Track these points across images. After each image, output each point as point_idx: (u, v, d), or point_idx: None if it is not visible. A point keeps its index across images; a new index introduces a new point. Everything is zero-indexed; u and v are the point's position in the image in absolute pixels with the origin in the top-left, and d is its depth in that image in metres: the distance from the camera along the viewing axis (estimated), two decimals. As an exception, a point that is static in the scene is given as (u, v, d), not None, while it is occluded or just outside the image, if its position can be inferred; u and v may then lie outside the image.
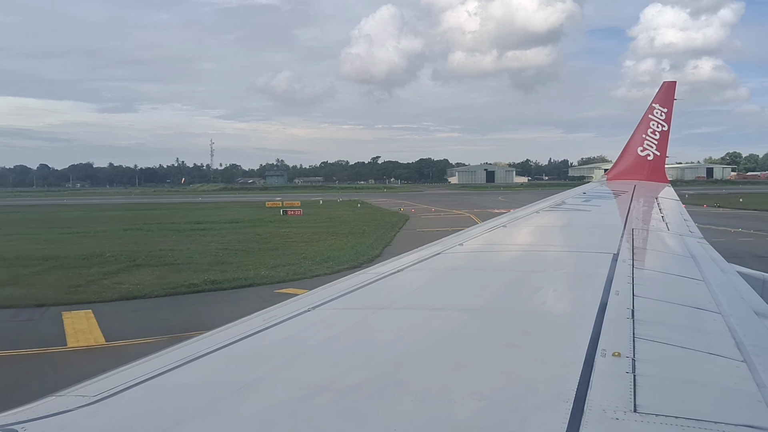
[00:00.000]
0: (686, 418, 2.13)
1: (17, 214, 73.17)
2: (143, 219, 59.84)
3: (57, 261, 31.16)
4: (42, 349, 16.16)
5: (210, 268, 27.84)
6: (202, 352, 2.96)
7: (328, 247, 35.70)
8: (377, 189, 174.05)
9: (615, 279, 4.46)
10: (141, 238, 43.06)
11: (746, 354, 2.98)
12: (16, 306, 21.22)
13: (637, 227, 8.16)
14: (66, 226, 53.81)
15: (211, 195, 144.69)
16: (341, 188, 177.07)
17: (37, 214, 72.07)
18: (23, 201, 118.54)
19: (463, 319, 3.60)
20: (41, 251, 35.31)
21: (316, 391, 2.41)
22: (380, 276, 4.84)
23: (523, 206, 12.00)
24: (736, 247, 31.78)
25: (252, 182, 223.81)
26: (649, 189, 15.94)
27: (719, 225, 43.64)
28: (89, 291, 23.32)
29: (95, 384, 2.58)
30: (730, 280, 5.34)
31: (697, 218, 12.33)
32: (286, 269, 27.57)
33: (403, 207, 76.38)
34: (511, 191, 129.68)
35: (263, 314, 3.73)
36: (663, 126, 18.55)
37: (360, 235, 41.62)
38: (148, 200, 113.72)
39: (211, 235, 44.23)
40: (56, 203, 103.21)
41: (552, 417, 2.11)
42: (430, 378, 2.55)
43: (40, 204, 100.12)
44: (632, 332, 3.12)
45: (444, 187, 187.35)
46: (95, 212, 75.29)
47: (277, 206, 79.59)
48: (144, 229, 49.51)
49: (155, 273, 27.25)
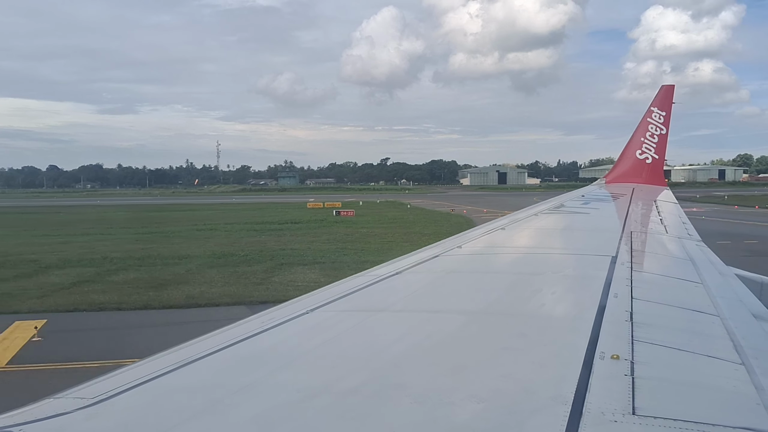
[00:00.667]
0: (685, 420, 2.13)
1: (59, 215, 73.00)
2: (197, 220, 60.41)
3: (192, 261, 31.40)
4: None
5: (363, 266, 27.59)
6: (200, 354, 2.95)
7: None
8: (395, 190, 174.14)
9: (614, 282, 4.46)
10: (230, 237, 43.45)
11: (744, 357, 2.98)
12: (244, 303, 21.10)
13: (635, 230, 8.17)
14: (128, 226, 54.55)
15: (231, 196, 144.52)
16: (358, 189, 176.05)
17: (81, 215, 72.30)
18: (49, 201, 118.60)
19: (461, 322, 3.60)
20: (157, 250, 35.68)
21: (315, 394, 2.41)
22: (379, 278, 4.82)
23: (521, 209, 12.02)
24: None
25: (264, 183, 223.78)
26: (648, 192, 15.94)
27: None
28: (278, 288, 23.38)
29: (94, 386, 2.58)
30: (728, 283, 5.34)
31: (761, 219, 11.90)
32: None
33: (451, 208, 76.33)
34: (535, 192, 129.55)
35: (262, 316, 3.72)
36: (661, 129, 18.45)
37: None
38: (175, 201, 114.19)
39: (297, 234, 44.18)
40: (88, 203, 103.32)
41: (551, 419, 2.11)
42: (429, 380, 2.55)
43: (75, 204, 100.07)
44: (631, 335, 3.13)
45: (459, 188, 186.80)
46: (140, 213, 75.52)
47: (319, 207, 79.32)
48: (218, 229, 49.81)
49: (315, 271, 27.25)
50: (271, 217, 62.25)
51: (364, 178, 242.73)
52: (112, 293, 23.38)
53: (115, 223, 57.78)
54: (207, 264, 30.28)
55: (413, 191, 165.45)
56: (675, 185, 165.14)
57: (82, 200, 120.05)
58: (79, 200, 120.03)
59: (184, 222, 57.68)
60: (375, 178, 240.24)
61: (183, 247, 36.89)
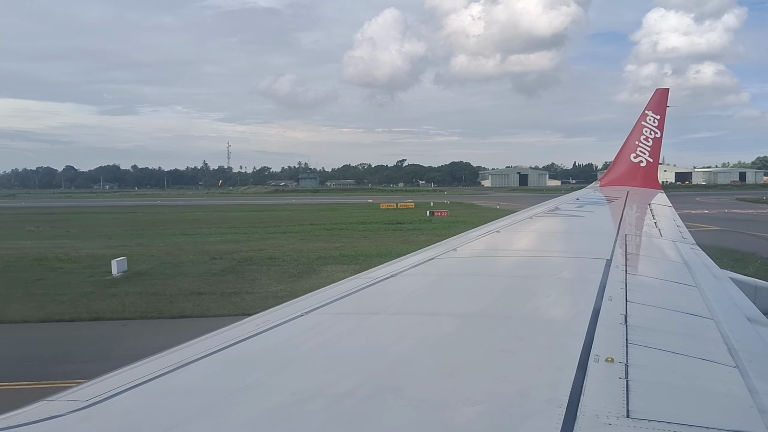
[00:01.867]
0: (679, 423, 2.14)
1: (138, 215, 74.03)
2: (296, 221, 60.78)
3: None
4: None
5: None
6: (194, 357, 2.95)
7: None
8: (423, 191, 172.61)
9: (608, 285, 4.48)
10: (376, 235, 44.84)
11: (738, 360, 2.99)
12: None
13: (630, 233, 8.18)
14: (255, 226, 55.63)
15: (265, 197, 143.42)
16: (380, 191, 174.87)
17: (160, 215, 73.47)
18: (90, 202, 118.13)
19: (457, 325, 3.60)
20: (353, 250, 36.72)
21: (309, 397, 2.41)
22: (374, 281, 4.83)
23: (517, 212, 12.25)
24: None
25: (284, 185, 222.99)
26: (642, 195, 16.02)
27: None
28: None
29: (87, 389, 2.57)
30: (722, 286, 5.36)
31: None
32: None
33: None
34: (560, 193, 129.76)
35: (256, 319, 3.72)
36: (656, 133, 18.57)
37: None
38: (225, 202, 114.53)
39: (438, 232, 44.99)
40: (149, 204, 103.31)
41: (545, 422, 2.13)
42: (424, 383, 2.55)
43: (135, 205, 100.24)
44: (625, 338, 3.14)
45: (483, 190, 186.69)
46: (215, 213, 76.74)
47: (393, 208, 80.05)
48: (347, 228, 51.05)
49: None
50: (368, 217, 63.05)
51: (384, 179, 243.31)
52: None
53: (235, 222, 59.21)
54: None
55: (449, 192, 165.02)
56: (698, 187, 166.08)
57: (124, 201, 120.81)
58: (120, 201, 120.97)
59: (291, 222, 58.47)
60: (394, 180, 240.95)
61: (370, 245, 37.81)
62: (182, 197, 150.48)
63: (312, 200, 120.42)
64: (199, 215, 73.93)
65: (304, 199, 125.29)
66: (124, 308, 22.68)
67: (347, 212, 74.84)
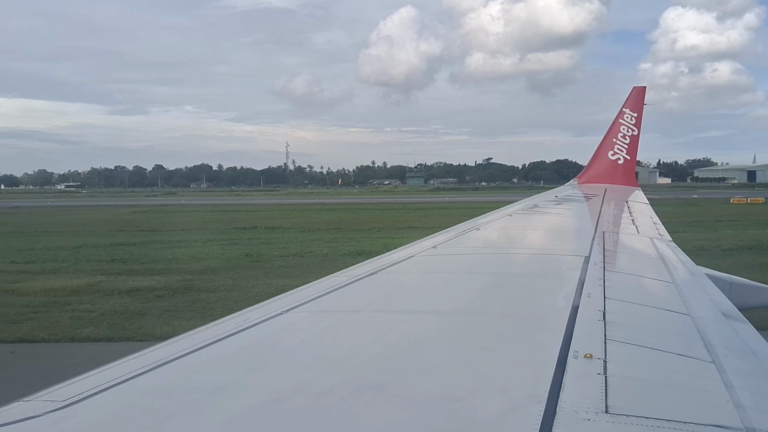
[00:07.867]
0: (656, 418, 2.15)
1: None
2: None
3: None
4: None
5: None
6: (173, 355, 2.92)
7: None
8: (537, 189, 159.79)
9: (587, 281, 4.50)
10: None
11: (714, 355, 3.02)
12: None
13: (608, 230, 8.26)
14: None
15: (425, 195, 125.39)
16: (490, 189, 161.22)
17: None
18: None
19: (436, 322, 3.62)
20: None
21: (289, 395, 2.39)
22: (354, 279, 4.83)
23: (497, 209, 12.04)
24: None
25: (388, 183, 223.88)
26: (620, 193, 16.21)
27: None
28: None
29: (64, 389, 2.53)
30: (698, 282, 5.43)
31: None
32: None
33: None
34: (679, 190, 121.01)
35: (236, 317, 3.69)
36: (633, 130, 18.84)
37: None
38: (396, 200, 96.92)
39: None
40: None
41: (525, 419, 2.12)
42: (404, 381, 2.55)
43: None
44: (604, 334, 3.15)
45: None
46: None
47: (743, 203, 72.62)
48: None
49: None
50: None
51: (486, 177, 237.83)
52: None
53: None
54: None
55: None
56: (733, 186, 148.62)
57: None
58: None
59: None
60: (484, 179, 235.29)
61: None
62: (340, 195, 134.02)
63: (483, 198, 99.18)
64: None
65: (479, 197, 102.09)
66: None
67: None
